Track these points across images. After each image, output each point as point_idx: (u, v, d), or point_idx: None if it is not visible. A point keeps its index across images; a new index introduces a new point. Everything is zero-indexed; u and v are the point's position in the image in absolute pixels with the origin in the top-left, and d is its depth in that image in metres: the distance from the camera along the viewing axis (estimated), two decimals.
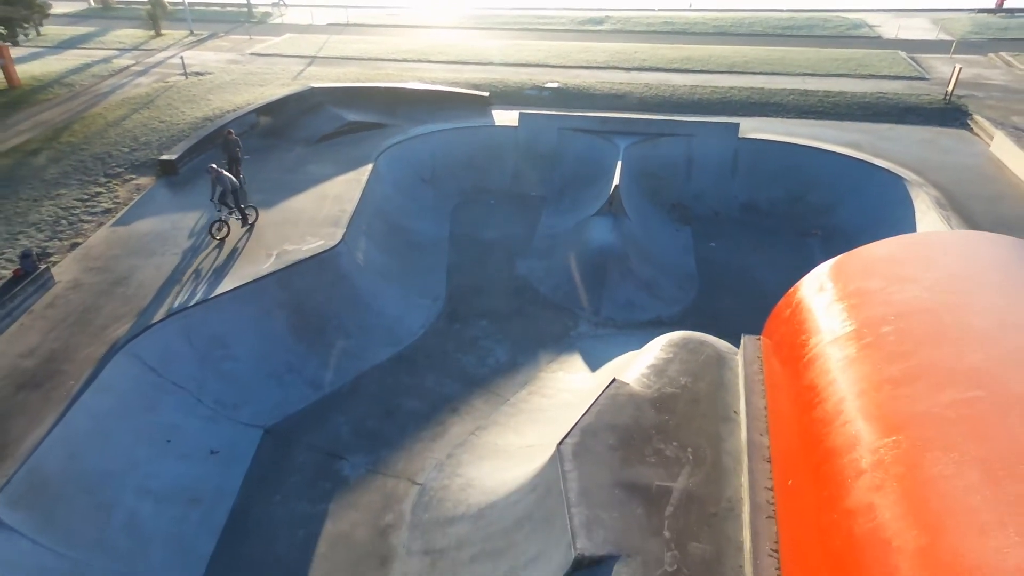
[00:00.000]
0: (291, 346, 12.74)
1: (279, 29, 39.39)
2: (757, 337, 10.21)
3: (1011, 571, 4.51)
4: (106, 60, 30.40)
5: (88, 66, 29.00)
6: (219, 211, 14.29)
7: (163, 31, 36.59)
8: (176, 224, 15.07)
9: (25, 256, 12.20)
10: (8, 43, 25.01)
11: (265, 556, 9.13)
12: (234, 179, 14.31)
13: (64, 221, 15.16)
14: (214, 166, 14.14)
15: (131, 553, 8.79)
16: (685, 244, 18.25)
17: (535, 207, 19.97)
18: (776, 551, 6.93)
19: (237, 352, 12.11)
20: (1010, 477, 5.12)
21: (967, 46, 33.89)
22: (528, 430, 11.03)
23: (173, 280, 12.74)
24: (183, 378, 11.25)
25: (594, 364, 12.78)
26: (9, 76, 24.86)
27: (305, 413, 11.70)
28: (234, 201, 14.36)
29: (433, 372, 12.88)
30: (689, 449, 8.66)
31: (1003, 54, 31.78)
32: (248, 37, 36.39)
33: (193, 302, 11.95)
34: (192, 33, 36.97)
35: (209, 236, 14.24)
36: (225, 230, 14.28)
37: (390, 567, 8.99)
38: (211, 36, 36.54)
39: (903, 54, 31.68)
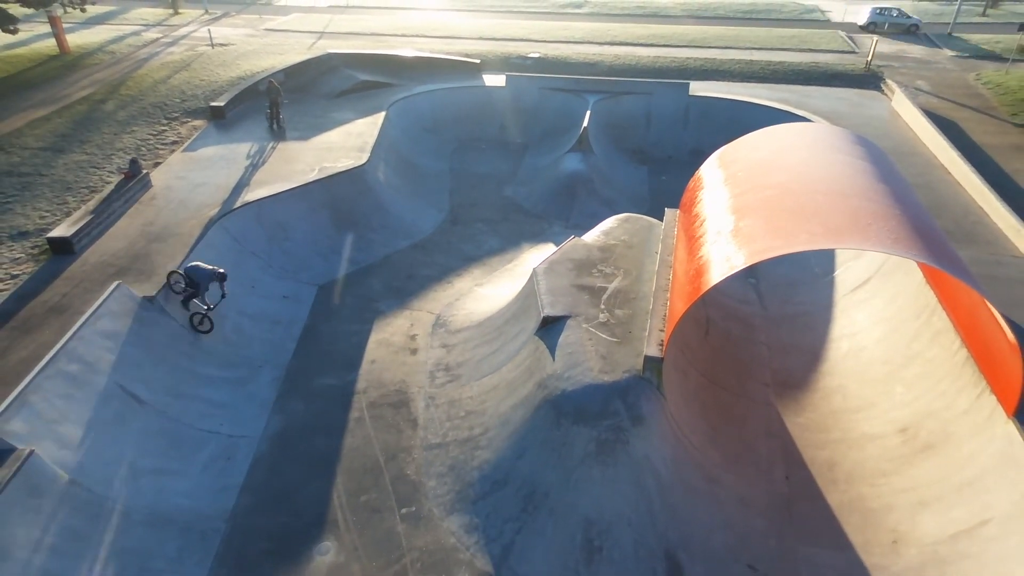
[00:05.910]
0: (333, 235, 16.73)
1: (286, 10, 43.02)
2: (676, 209, 14.41)
3: (759, 250, 8.72)
4: (136, 33, 33.98)
5: (121, 38, 32.59)
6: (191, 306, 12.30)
7: (180, 10, 40.10)
8: (234, 151, 18.95)
9: (133, 162, 16.06)
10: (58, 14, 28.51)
11: (331, 350, 13.19)
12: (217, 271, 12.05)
13: (143, 148, 19.00)
14: (179, 271, 12.17)
15: (241, 344, 12.81)
16: (641, 177, 22.43)
17: (519, 151, 24.03)
18: (666, 304, 11.12)
19: (293, 236, 16.08)
20: (776, 221, 9.33)
21: None
22: (514, 284, 15.12)
23: (242, 184, 16.67)
24: (257, 250, 15.22)
25: None
26: (61, 43, 28.46)
27: (347, 277, 15.73)
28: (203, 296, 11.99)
29: (442, 254, 16.97)
30: (622, 269, 12.83)
31: (929, 34, 36.27)
32: (259, 16, 40.03)
33: (261, 196, 15.92)
34: (207, 12, 40.52)
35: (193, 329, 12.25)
36: (207, 323, 12.35)
37: (418, 354, 13.09)
38: (224, 15, 40.14)
39: (842, 33, 36.10)
